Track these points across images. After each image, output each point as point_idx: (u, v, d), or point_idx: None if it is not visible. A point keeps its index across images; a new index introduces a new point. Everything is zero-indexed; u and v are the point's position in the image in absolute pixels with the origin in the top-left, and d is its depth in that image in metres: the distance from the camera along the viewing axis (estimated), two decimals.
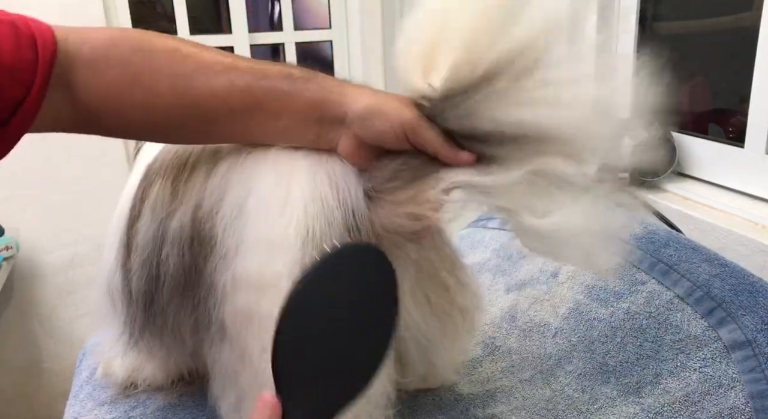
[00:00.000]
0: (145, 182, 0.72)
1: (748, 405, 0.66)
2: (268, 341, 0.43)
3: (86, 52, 0.61)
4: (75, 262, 2.27)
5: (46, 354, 2.35)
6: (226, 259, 0.63)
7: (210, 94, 0.62)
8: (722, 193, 1.09)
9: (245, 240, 0.62)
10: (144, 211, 0.71)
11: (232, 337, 0.64)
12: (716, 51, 1.21)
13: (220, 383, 0.68)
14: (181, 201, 0.68)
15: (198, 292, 0.67)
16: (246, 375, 0.64)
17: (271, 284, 0.60)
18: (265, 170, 0.64)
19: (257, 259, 0.61)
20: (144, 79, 0.62)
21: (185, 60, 0.62)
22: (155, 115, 0.63)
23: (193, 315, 0.69)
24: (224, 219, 0.64)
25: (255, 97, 0.62)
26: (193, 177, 0.68)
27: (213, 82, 0.62)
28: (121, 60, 0.62)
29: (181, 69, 0.62)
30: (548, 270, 0.94)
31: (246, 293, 0.62)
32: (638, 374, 0.75)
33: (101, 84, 0.62)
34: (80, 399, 0.89)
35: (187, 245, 0.67)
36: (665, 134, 1.14)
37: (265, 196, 0.62)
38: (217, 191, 0.65)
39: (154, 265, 0.69)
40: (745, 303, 0.73)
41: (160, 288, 0.70)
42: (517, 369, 0.84)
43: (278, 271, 0.60)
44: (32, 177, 2.17)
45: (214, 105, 0.62)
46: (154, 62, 0.62)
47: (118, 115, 0.64)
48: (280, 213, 0.61)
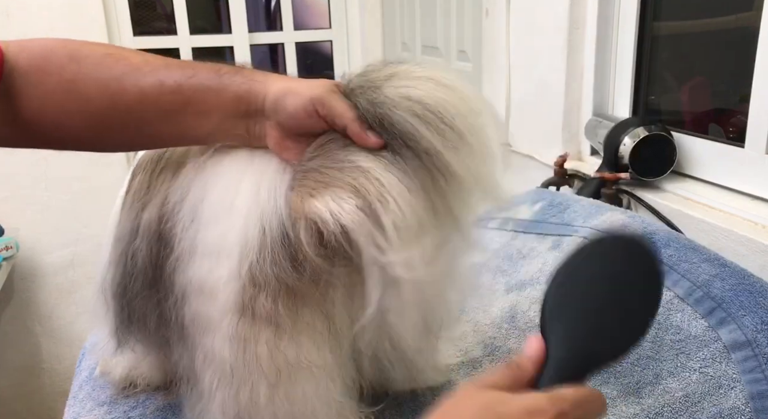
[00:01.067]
0: (132, 175, 0.73)
1: (748, 405, 0.66)
2: (210, 346, 0.46)
3: (23, 61, 0.61)
4: (75, 262, 2.27)
5: (46, 354, 2.35)
6: (182, 261, 0.63)
7: (140, 95, 0.62)
8: (722, 193, 1.09)
9: (197, 244, 0.62)
10: (125, 203, 0.72)
11: (188, 340, 0.65)
12: (716, 51, 1.21)
13: (184, 381, 0.69)
14: (153, 195, 0.68)
15: (161, 289, 0.67)
16: (196, 379, 0.64)
17: (213, 291, 0.60)
18: (220, 173, 0.64)
19: (205, 265, 0.61)
20: (77, 86, 0.62)
21: (116, 64, 0.62)
22: (90, 121, 0.63)
23: (157, 311, 0.69)
24: (183, 220, 0.64)
25: (184, 96, 0.62)
26: (164, 171, 0.69)
27: (142, 83, 0.61)
28: (57, 68, 0.62)
29: (112, 73, 0.62)
30: (548, 270, 0.94)
31: (196, 298, 0.62)
32: (638, 374, 0.75)
33: (40, 94, 0.62)
34: (80, 399, 0.89)
35: (154, 239, 0.67)
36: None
37: (216, 201, 0.63)
38: (180, 190, 0.66)
39: (128, 256, 0.70)
40: (745, 303, 0.73)
41: (131, 281, 0.70)
42: None
43: (221, 277, 0.60)
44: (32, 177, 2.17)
45: (145, 106, 0.62)
46: (85, 68, 0.62)
47: (56, 125, 0.63)
48: (226, 218, 0.61)
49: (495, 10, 1.56)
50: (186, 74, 0.62)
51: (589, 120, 1.34)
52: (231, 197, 0.62)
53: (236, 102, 0.62)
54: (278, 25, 2.46)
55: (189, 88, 0.61)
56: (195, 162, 0.66)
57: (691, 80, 1.27)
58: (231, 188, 0.62)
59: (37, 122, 0.63)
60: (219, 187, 0.63)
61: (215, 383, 0.63)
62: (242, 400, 0.61)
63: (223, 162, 0.65)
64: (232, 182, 0.63)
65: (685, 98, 1.28)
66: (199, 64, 0.63)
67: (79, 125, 0.64)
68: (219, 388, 0.62)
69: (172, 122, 0.63)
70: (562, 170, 1.36)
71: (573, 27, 1.32)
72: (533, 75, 1.47)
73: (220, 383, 0.62)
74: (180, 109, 0.62)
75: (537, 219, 1.06)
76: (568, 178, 1.36)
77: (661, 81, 1.30)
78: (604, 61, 1.33)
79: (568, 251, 0.53)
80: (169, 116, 0.63)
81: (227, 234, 0.61)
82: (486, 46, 1.64)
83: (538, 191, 1.20)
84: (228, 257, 0.60)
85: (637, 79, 1.30)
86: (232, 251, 0.60)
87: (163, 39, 2.32)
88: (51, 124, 0.63)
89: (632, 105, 1.31)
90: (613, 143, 1.17)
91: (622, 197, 1.19)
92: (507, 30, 1.52)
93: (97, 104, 0.62)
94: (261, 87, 0.61)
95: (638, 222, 0.93)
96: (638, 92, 1.30)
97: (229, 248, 0.60)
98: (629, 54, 1.28)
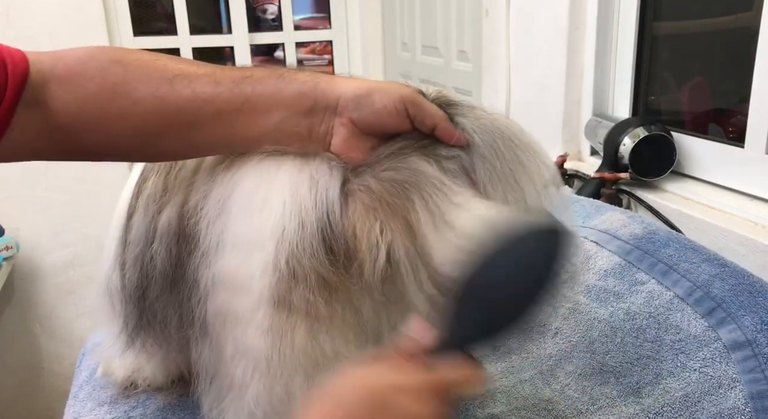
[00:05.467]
0: (141, 179, 0.73)
1: (748, 405, 0.66)
2: (242, 340, 0.46)
3: (61, 69, 0.60)
4: (75, 262, 2.27)
5: (46, 354, 2.35)
6: (208, 256, 0.63)
7: (193, 96, 0.60)
8: (722, 193, 1.09)
9: (225, 239, 0.62)
10: (138, 207, 0.71)
11: (212, 335, 0.64)
12: (716, 51, 1.21)
13: (202, 379, 0.68)
14: (170, 196, 0.68)
15: (183, 288, 0.67)
16: (224, 373, 0.64)
17: (245, 284, 0.60)
18: (251, 169, 0.63)
19: (235, 258, 0.61)
20: (124, 88, 0.60)
21: (166, 67, 0.61)
22: (135, 126, 0.61)
23: (179, 311, 0.69)
24: (207, 216, 0.63)
25: (242, 94, 0.60)
26: (183, 171, 0.68)
27: (195, 84, 0.60)
28: (99, 71, 0.60)
29: (162, 74, 0.60)
30: None
31: (224, 292, 0.62)
32: (638, 374, 0.75)
33: (78, 98, 0.60)
34: (80, 399, 0.89)
35: (174, 240, 0.67)
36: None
37: (247, 195, 0.62)
38: (203, 187, 0.65)
39: (145, 260, 0.70)
40: (745, 303, 0.73)
41: (150, 284, 0.70)
42: (517, 369, 0.84)
43: (252, 271, 0.60)
44: (32, 177, 2.17)
45: (198, 107, 0.60)
46: (133, 71, 0.60)
47: (97, 128, 0.61)
48: (258, 213, 0.61)
49: (495, 10, 1.56)
50: (243, 74, 0.60)
51: (589, 120, 1.34)
52: (264, 193, 0.61)
53: (300, 98, 0.60)
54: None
55: (247, 86, 0.60)
56: (217, 159, 0.66)
57: (691, 80, 1.27)
58: (263, 184, 0.62)
59: (76, 129, 0.60)
60: (250, 181, 0.62)
61: (249, 375, 0.62)
62: (278, 392, 0.61)
63: (253, 159, 0.64)
64: (264, 178, 0.62)
65: (685, 98, 1.28)
66: (255, 67, 0.62)
67: (122, 131, 0.61)
68: (253, 380, 0.62)
69: (226, 123, 0.61)
70: (562, 170, 1.36)
71: (573, 27, 1.32)
72: (533, 75, 1.47)
73: (254, 375, 0.62)
74: (237, 107, 0.60)
75: None
76: (568, 178, 1.36)
77: (661, 81, 1.30)
78: (604, 61, 1.33)
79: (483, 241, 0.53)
80: (223, 117, 0.60)
81: (261, 228, 0.60)
82: (486, 46, 1.63)
83: None
84: (261, 251, 0.60)
85: (637, 79, 1.30)
86: (266, 245, 0.60)
87: (163, 39, 2.33)
88: (91, 131, 0.61)
89: (632, 105, 1.31)
90: (613, 143, 1.17)
91: (622, 197, 1.19)
92: (507, 30, 1.52)
93: (145, 106, 0.60)
94: (331, 84, 0.60)
95: (638, 222, 0.93)
96: (638, 92, 1.30)
97: (263, 241, 0.60)
98: (629, 54, 1.28)
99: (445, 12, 1.89)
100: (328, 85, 0.60)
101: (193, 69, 0.61)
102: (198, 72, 0.60)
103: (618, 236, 0.91)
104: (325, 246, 0.59)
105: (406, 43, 2.23)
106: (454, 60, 1.91)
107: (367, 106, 0.60)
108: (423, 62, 2.12)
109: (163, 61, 0.61)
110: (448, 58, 1.94)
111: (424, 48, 2.10)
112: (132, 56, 0.62)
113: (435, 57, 2.02)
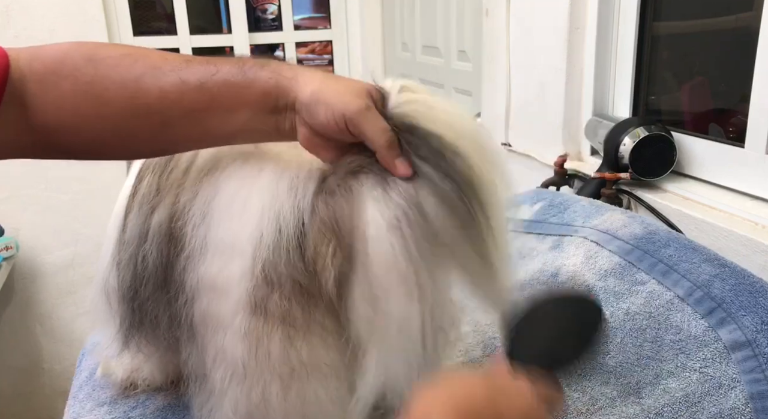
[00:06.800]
0: (137, 178, 0.73)
1: (748, 405, 0.66)
2: (221, 344, 0.53)
3: (38, 67, 0.60)
4: (75, 262, 2.27)
5: (46, 354, 2.35)
6: (193, 259, 0.63)
7: (161, 95, 0.59)
8: (722, 193, 1.09)
9: (208, 242, 0.62)
10: (133, 207, 0.71)
11: (198, 338, 0.65)
12: (716, 51, 1.21)
13: (192, 382, 0.68)
14: (162, 196, 0.68)
15: (171, 290, 0.67)
16: (208, 377, 0.64)
17: (225, 288, 0.60)
18: (234, 172, 0.64)
19: (216, 263, 0.61)
20: (94, 88, 0.59)
21: (134, 64, 0.60)
22: (109, 125, 0.61)
23: (168, 313, 0.69)
24: (193, 219, 0.63)
25: (209, 93, 0.60)
26: (175, 172, 0.68)
27: (163, 82, 0.59)
28: (72, 70, 0.60)
29: (131, 73, 0.60)
30: (548, 270, 0.94)
31: (206, 296, 0.62)
32: (638, 374, 0.75)
33: (55, 98, 0.59)
34: (80, 400, 0.89)
35: (164, 241, 0.67)
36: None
37: (229, 198, 0.62)
38: (191, 189, 0.65)
39: (138, 260, 0.69)
40: (745, 303, 0.73)
41: (142, 284, 0.70)
42: None
43: (231, 276, 0.60)
44: (32, 177, 2.17)
45: (167, 106, 0.60)
46: (103, 70, 0.60)
47: (74, 130, 0.61)
48: (239, 217, 0.61)
49: (495, 10, 1.56)
50: (209, 71, 0.60)
51: (589, 120, 1.34)
52: (244, 196, 0.61)
53: (264, 97, 0.60)
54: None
55: (213, 85, 0.59)
56: (206, 160, 0.66)
57: (691, 80, 1.27)
58: (244, 187, 0.62)
59: (55, 128, 0.61)
60: (231, 185, 0.63)
61: (227, 381, 0.62)
62: (254, 398, 0.61)
63: (237, 161, 0.64)
64: (246, 181, 0.62)
65: (685, 98, 1.28)
66: (222, 60, 0.61)
67: (99, 130, 0.61)
68: (231, 386, 0.62)
69: (196, 122, 0.61)
70: (562, 170, 1.36)
71: (573, 27, 1.32)
72: (533, 75, 1.47)
73: (231, 381, 0.62)
74: (205, 107, 0.60)
75: (537, 219, 1.06)
76: (568, 178, 1.36)
77: (661, 81, 1.30)
78: (604, 61, 1.32)
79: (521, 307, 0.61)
80: (193, 115, 0.60)
81: (240, 232, 0.60)
82: (486, 46, 1.64)
83: (538, 191, 1.20)
84: (241, 255, 0.60)
85: (637, 79, 1.30)
86: (244, 250, 0.60)
87: (163, 39, 2.33)
88: (69, 130, 0.61)
89: (632, 105, 1.30)
90: (613, 143, 1.17)
91: (622, 197, 1.19)
92: (507, 30, 1.52)
93: (116, 107, 0.60)
94: (291, 83, 0.59)
95: (638, 222, 0.93)
96: (638, 92, 1.30)
97: (242, 246, 0.60)
98: (629, 54, 1.28)
99: (445, 12, 1.89)
100: (289, 84, 0.60)
101: (160, 65, 0.60)
102: (165, 68, 0.60)
103: (618, 236, 0.91)
104: (300, 252, 0.59)
105: (406, 43, 2.23)
106: (454, 60, 1.91)
107: (314, 115, 0.59)
108: (423, 62, 2.12)
109: (132, 57, 0.61)
110: (448, 58, 1.94)
111: (424, 48, 2.10)
112: (103, 53, 0.61)
113: (435, 57, 2.02)
